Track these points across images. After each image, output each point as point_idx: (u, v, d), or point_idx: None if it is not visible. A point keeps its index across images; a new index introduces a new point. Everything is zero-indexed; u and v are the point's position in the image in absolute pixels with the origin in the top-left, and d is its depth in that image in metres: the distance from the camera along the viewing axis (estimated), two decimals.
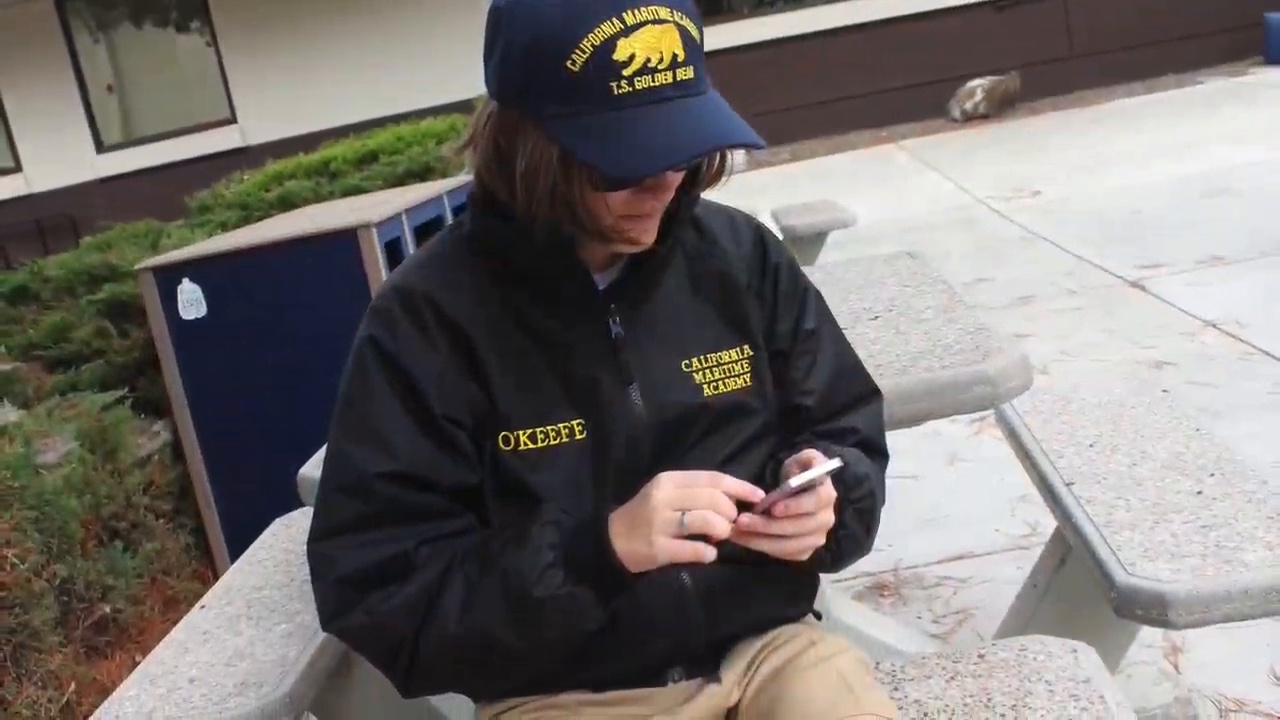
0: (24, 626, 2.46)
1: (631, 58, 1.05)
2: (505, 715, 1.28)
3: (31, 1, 11.92)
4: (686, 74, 1.08)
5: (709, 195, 1.27)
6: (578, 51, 1.05)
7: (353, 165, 5.46)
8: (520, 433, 1.20)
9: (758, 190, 8.54)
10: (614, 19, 1.05)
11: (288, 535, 2.21)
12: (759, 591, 1.28)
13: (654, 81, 1.06)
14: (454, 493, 1.19)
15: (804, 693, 1.21)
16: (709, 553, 1.07)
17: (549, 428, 1.20)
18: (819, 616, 1.40)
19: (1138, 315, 4.43)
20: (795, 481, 1.08)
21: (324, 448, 1.28)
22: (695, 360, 1.26)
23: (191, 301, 3.31)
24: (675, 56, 1.07)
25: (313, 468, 1.89)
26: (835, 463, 1.12)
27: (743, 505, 1.10)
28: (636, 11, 1.06)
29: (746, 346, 1.30)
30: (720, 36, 10.86)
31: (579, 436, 1.21)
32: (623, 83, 1.06)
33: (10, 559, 2.45)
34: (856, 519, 1.25)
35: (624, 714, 1.25)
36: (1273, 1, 10.74)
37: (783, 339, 1.33)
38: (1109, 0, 11.37)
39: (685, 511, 1.07)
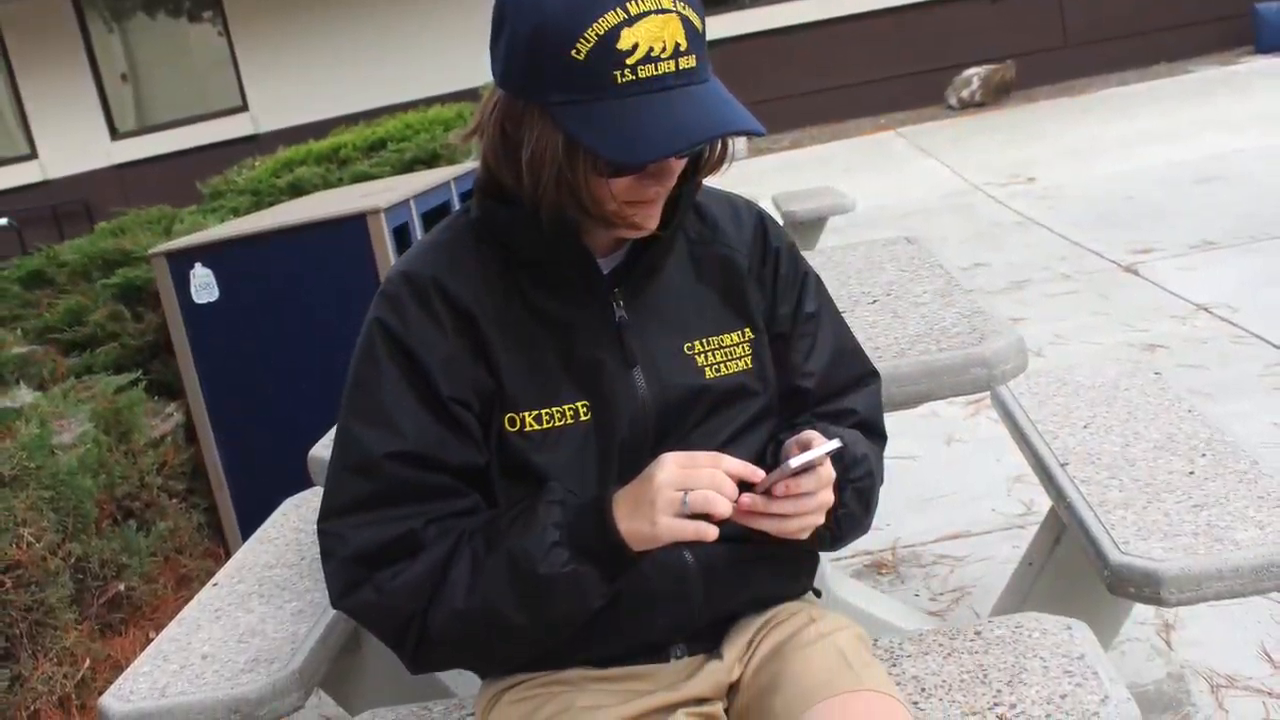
0: (40, 604, 2.48)
1: (635, 47, 1.06)
2: (511, 691, 1.29)
3: None
4: (689, 63, 1.09)
5: (711, 181, 1.28)
6: (582, 40, 1.06)
7: (362, 152, 5.45)
8: (526, 414, 1.21)
9: (759, 176, 8.54)
10: (618, 9, 1.06)
11: (298, 515, 2.23)
12: (760, 570, 1.30)
13: (657, 70, 1.07)
14: (461, 473, 1.21)
15: (804, 669, 1.23)
16: (711, 532, 1.09)
17: (554, 409, 1.22)
18: (819, 594, 1.41)
19: (1131, 299, 4.44)
20: (795, 462, 1.09)
21: (334, 429, 1.30)
22: (697, 343, 1.28)
23: (204, 286, 3.33)
24: (678, 46, 1.08)
25: (323, 448, 1.90)
26: (834, 443, 1.13)
27: (744, 485, 1.12)
28: (640, 1, 1.06)
29: (747, 329, 1.31)
30: (722, 26, 10.88)
31: (584, 418, 1.22)
32: (626, 71, 1.06)
33: (26, 537, 2.47)
34: (855, 498, 1.27)
35: (628, 689, 1.26)
36: None
37: (783, 322, 1.35)
38: None
39: (687, 491, 1.08)
